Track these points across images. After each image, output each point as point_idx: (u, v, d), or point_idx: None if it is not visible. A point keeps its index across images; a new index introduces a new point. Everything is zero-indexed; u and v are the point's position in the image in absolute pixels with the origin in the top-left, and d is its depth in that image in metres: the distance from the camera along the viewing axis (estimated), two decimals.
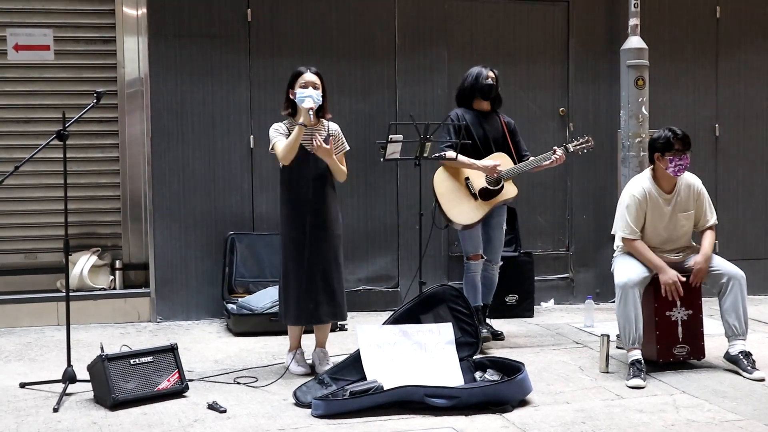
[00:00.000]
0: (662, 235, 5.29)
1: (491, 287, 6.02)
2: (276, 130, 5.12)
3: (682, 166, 5.16)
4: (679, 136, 5.14)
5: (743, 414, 4.44)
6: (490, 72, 5.90)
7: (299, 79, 5.07)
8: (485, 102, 5.91)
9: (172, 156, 6.64)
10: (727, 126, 7.69)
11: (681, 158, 5.14)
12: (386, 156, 5.47)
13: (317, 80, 5.08)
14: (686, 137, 5.17)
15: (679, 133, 5.15)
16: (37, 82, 6.69)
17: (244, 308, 6.27)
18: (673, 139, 5.13)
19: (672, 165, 5.15)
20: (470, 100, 5.91)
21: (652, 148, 5.24)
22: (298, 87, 5.06)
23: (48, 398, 4.66)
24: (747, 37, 7.71)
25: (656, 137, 5.22)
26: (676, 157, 5.13)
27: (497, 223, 5.92)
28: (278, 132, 5.10)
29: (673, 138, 5.13)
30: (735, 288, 5.18)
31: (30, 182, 6.63)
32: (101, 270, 6.71)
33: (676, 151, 5.13)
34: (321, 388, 4.68)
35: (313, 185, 5.05)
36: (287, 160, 5.02)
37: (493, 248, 5.94)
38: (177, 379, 4.71)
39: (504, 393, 4.50)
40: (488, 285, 5.99)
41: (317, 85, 5.07)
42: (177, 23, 6.62)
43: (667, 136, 5.15)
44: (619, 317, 5.14)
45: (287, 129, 5.10)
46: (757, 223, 7.79)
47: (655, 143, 5.21)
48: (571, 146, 5.83)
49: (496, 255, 5.95)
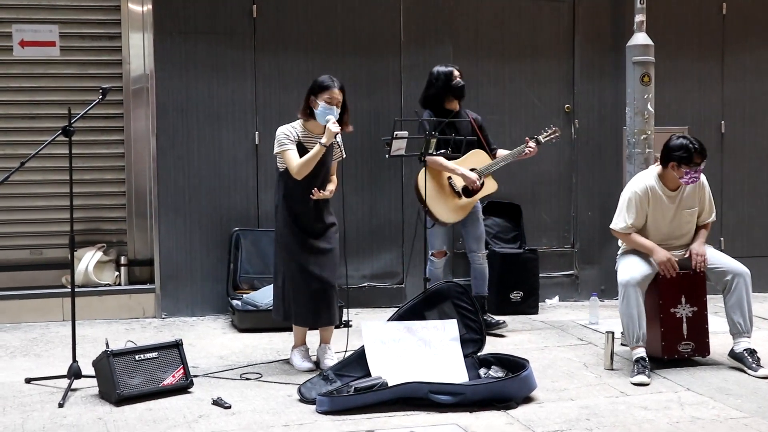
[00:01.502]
0: (665, 231, 5.29)
1: (483, 278, 6.12)
2: (286, 136, 5.06)
3: (696, 177, 5.15)
4: (698, 149, 5.07)
5: (748, 411, 4.44)
6: (456, 71, 6.05)
7: (325, 93, 5.01)
8: (455, 101, 6.06)
9: (177, 152, 6.65)
10: (732, 122, 7.67)
11: (696, 170, 5.12)
12: (391, 152, 5.49)
13: (341, 97, 5.05)
14: (704, 150, 5.13)
15: (698, 146, 5.08)
16: (43, 78, 6.69)
17: (248, 304, 6.28)
18: (694, 153, 5.06)
19: (687, 177, 5.12)
20: (441, 101, 6.02)
21: (669, 156, 5.13)
22: (323, 100, 5.01)
23: (53, 393, 4.67)
24: (753, 34, 7.68)
25: (675, 146, 5.10)
26: (692, 169, 5.11)
27: (473, 214, 6.08)
28: (288, 138, 5.05)
29: (694, 151, 5.06)
30: (740, 285, 5.17)
31: (35, 178, 6.64)
32: (106, 266, 6.71)
33: (694, 164, 5.10)
34: (326, 384, 4.68)
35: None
36: (301, 176, 4.99)
37: (473, 238, 6.09)
38: (182, 374, 4.72)
39: (508, 390, 4.51)
40: (479, 276, 6.11)
41: (340, 101, 5.05)
42: (182, 19, 6.63)
43: (689, 148, 5.05)
44: (622, 315, 5.14)
45: (298, 136, 5.08)
46: (763, 220, 7.77)
47: (672, 153, 5.10)
48: (542, 138, 6.03)
49: (478, 243, 6.09)
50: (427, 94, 6.08)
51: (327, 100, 5.01)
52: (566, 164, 7.37)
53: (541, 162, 7.18)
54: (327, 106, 5.00)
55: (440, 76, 6.01)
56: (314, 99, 5.05)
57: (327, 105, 5.00)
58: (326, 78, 5.09)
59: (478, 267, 6.11)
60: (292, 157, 5.01)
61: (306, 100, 5.10)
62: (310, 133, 5.09)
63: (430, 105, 6.06)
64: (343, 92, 5.08)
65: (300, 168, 4.98)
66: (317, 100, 5.02)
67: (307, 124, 5.11)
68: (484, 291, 6.14)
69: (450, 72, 6.01)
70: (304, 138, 5.07)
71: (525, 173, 7.10)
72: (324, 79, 5.08)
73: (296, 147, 5.04)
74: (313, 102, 5.05)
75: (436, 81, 6.03)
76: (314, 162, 4.98)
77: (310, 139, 5.06)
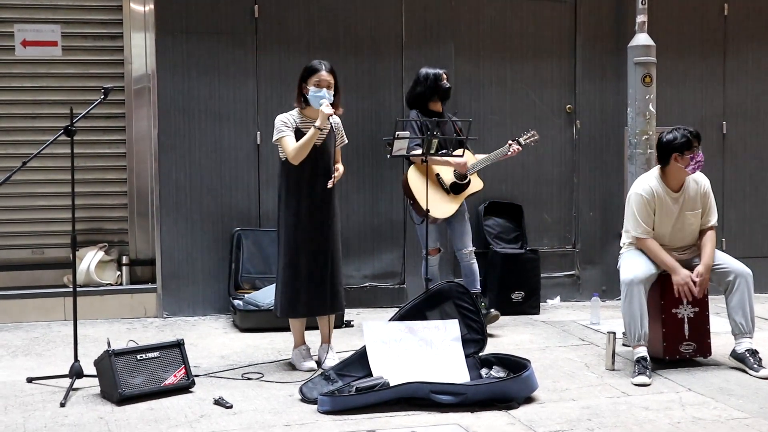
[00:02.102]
0: (670, 233, 5.28)
1: (473, 274, 6.10)
2: (284, 123, 5.08)
3: (701, 162, 5.18)
4: (694, 133, 5.17)
5: (750, 412, 4.44)
6: (444, 73, 6.12)
7: (314, 77, 5.04)
8: (440, 103, 6.13)
9: (178, 152, 6.65)
10: (734, 123, 7.66)
11: (698, 155, 5.16)
12: (393, 152, 5.49)
13: (332, 79, 5.07)
14: (698, 132, 5.23)
15: (693, 130, 5.18)
16: (45, 78, 6.70)
17: (250, 304, 6.28)
18: (692, 137, 5.14)
19: (693, 163, 5.15)
20: (426, 102, 6.08)
21: (669, 149, 5.17)
22: (312, 84, 5.04)
23: (55, 393, 4.67)
24: (755, 35, 7.68)
25: (671, 138, 5.16)
26: (695, 154, 5.14)
27: (459, 212, 6.06)
28: (286, 126, 5.07)
29: (690, 135, 5.14)
30: (742, 286, 5.17)
31: (37, 178, 6.64)
32: (108, 265, 6.72)
33: (695, 148, 5.14)
34: (327, 384, 4.68)
35: (320, 182, 5.06)
36: (297, 160, 5.00)
37: (459, 235, 6.09)
38: (183, 374, 4.72)
39: (510, 390, 4.51)
40: (469, 273, 6.10)
41: (331, 84, 5.06)
42: (184, 19, 6.63)
43: (685, 134, 5.14)
44: (624, 314, 5.14)
45: (295, 122, 5.09)
46: (764, 220, 7.76)
47: (671, 144, 5.15)
48: (523, 140, 6.11)
49: (465, 240, 6.09)
50: (414, 92, 6.14)
51: (316, 83, 5.02)
52: (568, 164, 7.37)
53: (542, 162, 7.19)
54: (317, 89, 5.01)
55: (429, 76, 6.09)
56: (305, 85, 5.07)
57: (317, 88, 5.01)
58: (315, 62, 5.12)
59: (466, 264, 6.11)
60: (288, 142, 5.02)
61: (299, 88, 5.12)
62: (307, 119, 5.09)
63: (416, 104, 6.12)
64: (334, 74, 5.09)
65: (296, 152, 4.99)
66: (308, 85, 5.05)
67: (305, 111, 5.12)
68: (476, 287, 6.11)
69: (439, 74, 6.10)
70: (301, 124, 5.07)
71: (526, 174, 7.10)
72: (312, 64, 5.12)
73: (294, 134, 5.04)
74: (305, 88, 5.06)
75: (425, 81, 6.09)
76: (309, 145, 4.97)
77: (307, 125, 5.06)
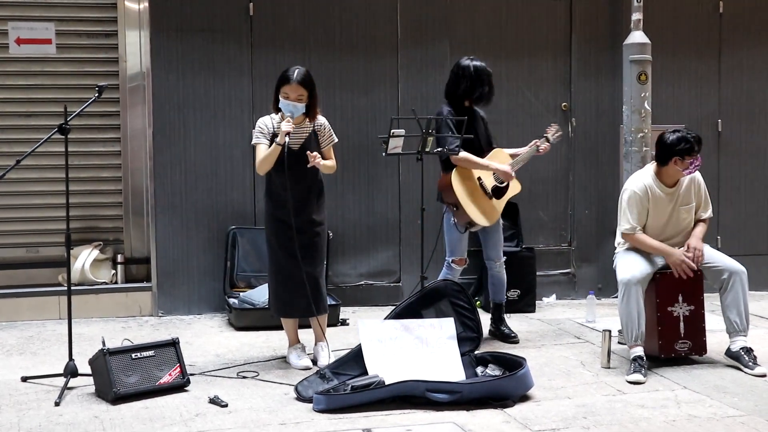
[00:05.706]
0: (663, 229, 5.29)
1: (501, 285, 5.96)
2: (260, 131, 5.05)
3: (698, 165, 5.21)
4: (696, 137, 5.19)
5: (745, 409, 4.44)
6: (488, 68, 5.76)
7: (285, 86, 4.95)
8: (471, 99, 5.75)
9: (173, 150, 6.64)
10: (729, 121, 7.67)
11: (697, 158, 5.18)
12: (388, 150, 5.47)
13: (302, 91, 4.93)
14: (700, 137, 5.25)
15: (694, 134, 5.20)
16: (39, 75, 6.68)
17: (245, 303, 6.28)
18: (695, 142, 5.15)
19: (692, 167, 5.18)
20: (464, 98, 5.71)
21: (670, 152, 5.17)
22: (281, 94, 4.96)
23: (49, 392, 4.66)
24: (750, 33, 7.69)
25: (674, 142, 5.15)
26: (694, 158, 5.17)
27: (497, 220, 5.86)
28: (261, 132, 5.04)
29: (693, 141, 5.15)
30: (736, 284, 5.18)
31: (31, 176, 6.62)
32: (103, 264, 6.71)
33: (696, 152, 5.17)
34: (322, 382, 4.68)
35: (298, 188, 5.01)
36: (262, 171, 5.04)
37: (493, 245, 5.89)
38: (178, 373, 4.71)
39: (505, 388, 4.51)
40: (497, 283, 5.96)
41: (301, 96, 4.95)
42: (179, 17, 6.61)
43: (688, 139, 5.14)
44: (621, 314, 5.14)
45: (274, 127, 5.03)
46: (759, 218, 7.78)
47: (673, 148, 5.15)
48: (551, 137, 5.86)
49: (498, 249, 5.90)
50: (458, 88, 5.69)
51: (284, 95, 4.95)
52: (563, 162, 7.37)
53: (538, 160, 7.16)
54: (285, 101, 4.94)
55: (470, 70, 5.66)
56: (278, 92, 5.01)
57: (285, 100, 4.94)
58: (290, 70, 4.98)
59: (496, 274, 5.92)
60: (258, 152, 5.02)
61: (275, 93, 5.04)
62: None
63: (455, 100, 5.72)
64: (308, 83, 4.95)
65: (259, 165, 5.02)
66: (279, 94, 4.99)
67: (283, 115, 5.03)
68: (501, 298, 5.96)
69: (482, 68, 5.69)
70: (279, 129, 4.98)
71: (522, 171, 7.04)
72: (287, 72, 4.98)
73: (272, 138, 4.99)
74: (279, 94, 5.00)
75: (470, 74, 5.66)
76: (272, 159, 4.92)
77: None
